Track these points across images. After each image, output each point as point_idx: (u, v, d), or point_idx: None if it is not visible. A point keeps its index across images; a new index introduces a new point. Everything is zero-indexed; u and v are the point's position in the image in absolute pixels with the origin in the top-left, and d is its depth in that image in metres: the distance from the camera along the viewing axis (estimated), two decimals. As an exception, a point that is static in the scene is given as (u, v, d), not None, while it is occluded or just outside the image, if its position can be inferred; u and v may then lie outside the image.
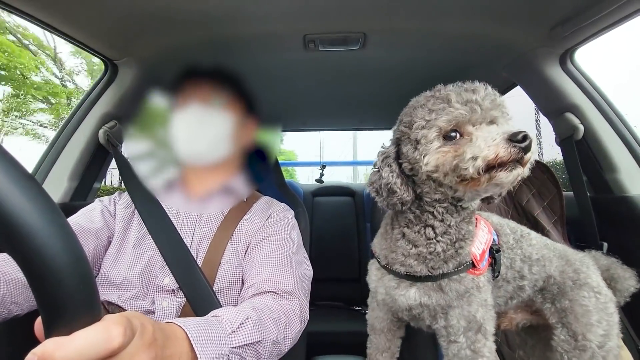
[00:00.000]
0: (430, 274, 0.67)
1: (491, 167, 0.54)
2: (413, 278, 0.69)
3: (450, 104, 0.57)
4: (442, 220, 0.65)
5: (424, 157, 0.59)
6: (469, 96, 0.58)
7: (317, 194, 2.32)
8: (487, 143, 0.53)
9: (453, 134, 0.58)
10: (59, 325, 0.29)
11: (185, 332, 0.46)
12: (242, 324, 0.55)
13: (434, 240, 0.66)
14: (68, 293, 0.29)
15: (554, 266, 0.77)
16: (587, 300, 0.74)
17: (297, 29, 1.01)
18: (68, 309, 0.29)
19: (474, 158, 0.53)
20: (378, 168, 0.67)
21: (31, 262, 0.27)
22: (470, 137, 0.56)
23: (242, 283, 0.77)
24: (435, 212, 0.65)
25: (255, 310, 0.60)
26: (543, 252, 0.78)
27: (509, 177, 0.54)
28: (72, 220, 0.80)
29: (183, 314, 0.72)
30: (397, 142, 0.66)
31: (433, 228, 0.66)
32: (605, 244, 1.00)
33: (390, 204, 0.65)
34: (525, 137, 0.52)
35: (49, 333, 0.29)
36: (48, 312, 0.29)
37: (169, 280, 0.74)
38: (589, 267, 0.79)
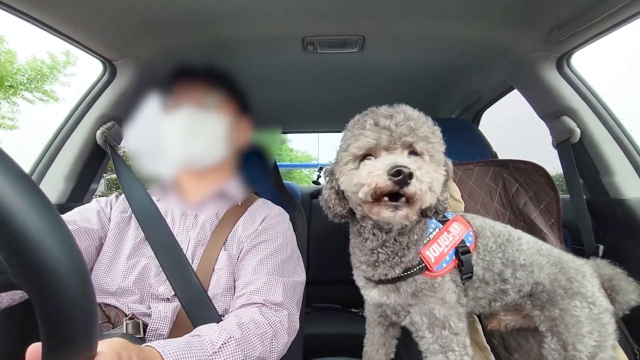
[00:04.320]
0: (381, 278, 0.70)
1: (381, 197, 0.56)
2: (372, 281, 0.73)
3: (364, 130, 0.60)
4: (374, 234, 0.68)
5: (340, 176, 0.63)
6: (384, 122, 0.60)
7: (315, 196, 2.32)
8: (372, 172, 0.55)
9: (369, 158, 0.60)
10: None
11: (163, 359, 0.48)
12: (225, 344, 0.56)
13: (375, 251, 0.69)
14: (74, 334, 0.30)
15: (544, 273, 0.76)
16: (580, 310, 0.72)
17: (296, 31, 1.01)
18: (70, 348, 0.31)
19: (359, 184, 0.57)
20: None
21: (49, 304, 0.28)
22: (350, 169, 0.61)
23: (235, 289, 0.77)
24: (367, 227, 0.68)
25: (240, 327, 0.60)
26: (533, 258, 0.76)
27: (395, 217, 0.57)
28: (68, 217, 0.79)
29: (179, 318, 0.72)
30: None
31: (370, 241, 0.69)
32: (602, 247, 1.00)
33: (330, 216, 0.71)
34: (399, 172, 0.53)
35: None
36: (51, 348, 0.30)
37: (164, 289, 0.74)
38: (585, 276, 0.76)
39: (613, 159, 1.03)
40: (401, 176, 0.53)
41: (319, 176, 2.53)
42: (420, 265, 0.69)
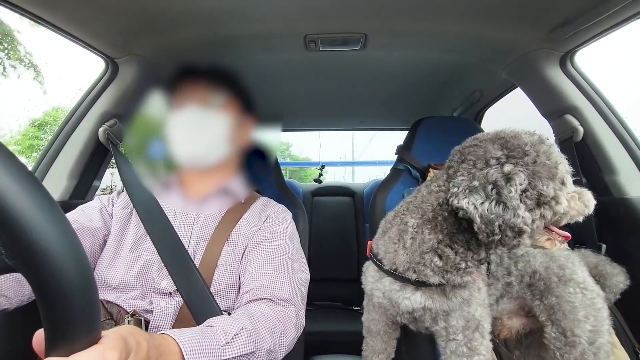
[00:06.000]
0: (441, 282, 0.66)
1: None
2: (421, 284, 0.68)
3: (563, 159, 0.61)
4: (487, 253, 0.64)
5: (563, 199, 0.59)
6: None
7: (317, 194, 2.32)
8: None
9: None
10: (61, 345, 0.30)
11: (179, 346, 0.47)
12: (237, 334, 0.56)
13: (465, 260, 0.64)
14: (75, 316, 0.30)
15: (538, 262, 0.79)
16: (574, 296, 0.75)
17: (298, 29, 1.01)
18: (72, 331, 0.30)
19: (587, 209, 0.63)
20: (502, 201, 0.55)
21: (46, 285, 0.28)
22: (577, 192, 0.63)
23: (240, 287, 0.77)
24: (492, 247, 0.62)
25: (251, 319, 0.60)
26: (527, 248, 0.78)
27: (560, 246, 0.67)
28: (71, 216, 0.80)
29: (181, 314, 0.72)
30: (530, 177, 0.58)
31: (474, 254, 0.63)
32: (604, 246, 1.00)
33: (506, 244, 0.57)
34: None
35: (50, 351, 0.30)
36: (53, 331, 0.30)
37: (167, 283, 0.74)
38: (575, 263, 0.79)
39: (616, 158, 1.03)
40: None
41: (320, 174, 2.53)
42: (482, 271, 0.69)
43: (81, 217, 0.80)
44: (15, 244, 0.27)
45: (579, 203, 0.62)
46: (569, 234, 0.65)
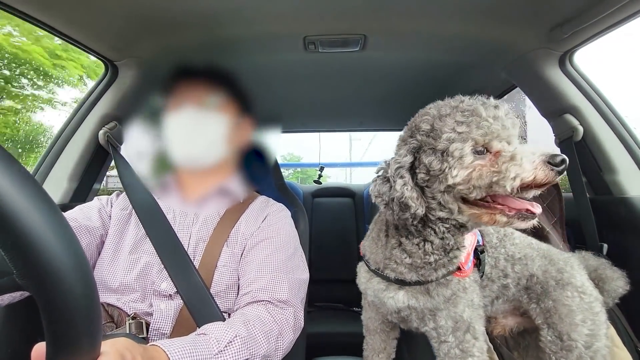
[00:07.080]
0: (419, 280, 0.67)
1: (524, 188, 0.53)
2: (402, 282, 0.69)
3: (482, 117, 0.55)
4: (442, 238, 0.64)
5: (453, 170, 0.55)
6: (495, 112, 0.56)
7: (317, 195, 2.32)
8: (531, 164, 0.52)
9: (480, 149, 0.56)
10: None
11: (169, 357, 0.48)
12: (230, 342, 0.56)
13: (432, 253, 0.64)
14: (77, 334, 0.31)
15: (536, 265, 0.78)
16: (571, 300, 0.74)
17: (297, 30, 1.01)
18: (73, 348, 0.31)
19: (514, 178, 0.52)
20: (388, 178, 0.61)
21: (53, 303, 0.29)
22: (508, 154, 0.54)
23: (239, 288, 0.77)
24: (436, 230, 0.63)
25: (246, 325, 0.60)
26: (526, 251, 0.79)
27: (523, 225, 0.56)
28: (69, 215, 0.80)
29: (181, 316, 0.72)
30: (414, 152, 0.61)
31: (432, 243, 0.64)
32: (605, 245, 1.00)
33: (402, 218, 0.60)
34: (564, 161, 0.52)
35: None
36: (55, 347, 0.31)
37: (167, 285, 0.74)
38: (573, 267, 0.79)
39: (616, 157, 1.03)
40: (564, 165, 0.51)
41: (320, 175, 2.53)
42: (455, 266, 0.68)
43: (79, 215, 0.80)
44: (27, 264, 0.27)
45: (489, 171, 0.54)
46: (533, 208, 0.57)
